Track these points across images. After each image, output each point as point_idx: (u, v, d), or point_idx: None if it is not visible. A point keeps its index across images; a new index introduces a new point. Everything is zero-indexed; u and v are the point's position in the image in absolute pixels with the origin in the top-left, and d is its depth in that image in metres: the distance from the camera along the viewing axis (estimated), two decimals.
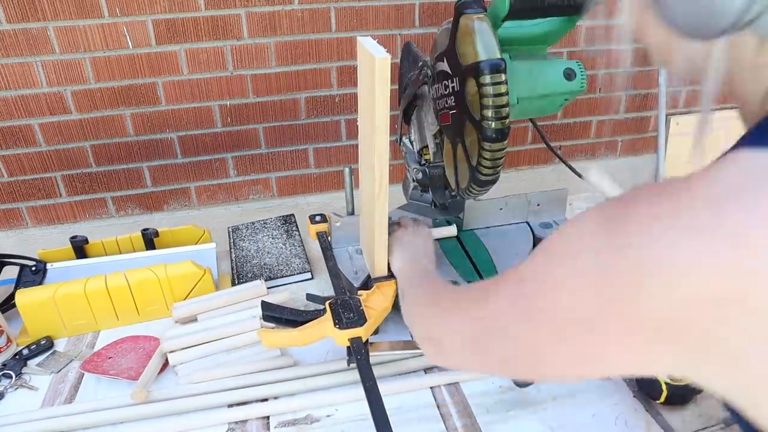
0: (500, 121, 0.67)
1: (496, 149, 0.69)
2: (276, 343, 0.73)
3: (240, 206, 1.96)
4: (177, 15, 1.63)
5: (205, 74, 1.73)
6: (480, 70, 0.65)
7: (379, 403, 0.61)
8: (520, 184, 2.13)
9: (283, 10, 1.69)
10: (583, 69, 0.76)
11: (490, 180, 0.74)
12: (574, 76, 0.75)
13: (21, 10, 1.52)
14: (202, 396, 0.72)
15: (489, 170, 0.72)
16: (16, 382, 0.77)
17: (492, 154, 0.69)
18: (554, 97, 0.76)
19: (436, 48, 0.78)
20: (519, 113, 0.76)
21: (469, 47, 0.67)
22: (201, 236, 1.01)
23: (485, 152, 0.69)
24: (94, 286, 0.83)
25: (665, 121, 2.05)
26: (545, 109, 0.79)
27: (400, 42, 1.82)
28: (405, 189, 1.03)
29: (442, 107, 0.78)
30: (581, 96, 2.09)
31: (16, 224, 1.82)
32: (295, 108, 1.85)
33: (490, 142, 0.68)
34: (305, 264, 0.99)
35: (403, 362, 0.77)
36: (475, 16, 0.67)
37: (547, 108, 0.78)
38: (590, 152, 2.20)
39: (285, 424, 0.69)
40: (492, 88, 0.65)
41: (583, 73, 0.76)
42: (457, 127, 0.75)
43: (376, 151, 0.67)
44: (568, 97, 0.77)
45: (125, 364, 0.78)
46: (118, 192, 1.84)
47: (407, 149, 0.98)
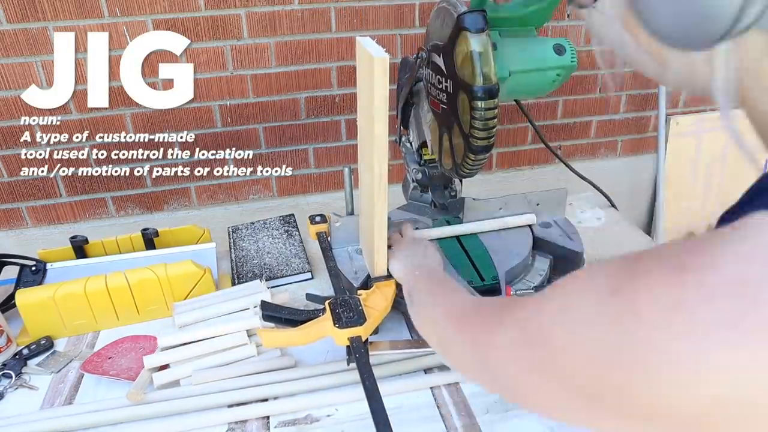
0: (487, 139, 0.70)
1: (480, 159, 0.73)
2: (276, 343, 0.73)
3: (240, 206, 1.96)
4: (177, 15, 1.63)
5: (205, 74, 1.73)
6: (474, 93, 0.67)
7: (379, 403, 0.61)
8: (520, 184, 2.13)
9: (283, 10, 1.69)
10: (572, 46, 0.77)
11: (470, 175, 0.78)
12: (564, 51, 0.76)
13: (21, 10, 1.52)
14: (201, 396, 0.72)
15: (470, 170, 0.76)
16: (16, 382, 0.77)
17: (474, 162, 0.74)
18: (546, 72, 0.77)
19: (430, 35, 0.79)
20: (511, 90, 0.76)
21: (467, 65, 0.68)
22: (201, 236, 1.01)
23: (468, 160, 0.74)
24: (94, 286, 0.83)
25: (665, 121, 2.05)
26: (538, 86, 0.79)
27: (400, 42, 1.82)
28: (405, 189, 1.03)
29: (435, 96, 0.79)
30: (581, 96, 2.09)
31: (16, 224, 1.82)
32: (295, 108, 1.85)
33: (475, 153, 0.72)
34: (305, 264, 0.99)
35: (403, 362, 0.77)
36: (477, 35, 0.67)
37: (540, 84, 0.78)
38: (590, 152, 2.20)
39: (285, 424, 0.69)
40: (484, 112, 0.68)
41: (573, 49, 0.76)
42: (445, 120, 0.78)
43: (376, 151, 0.67)
44: (560, 72, 0.77)
45: (125, 364, 0.78)
46: (118, 192, 1.85)
47: (407, 149, 0.98)
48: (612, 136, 2.18)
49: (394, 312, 0.75)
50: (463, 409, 0.71)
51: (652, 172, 2.18)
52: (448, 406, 0.72)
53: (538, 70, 0.76)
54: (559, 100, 2.05)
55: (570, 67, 0.76)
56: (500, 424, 0.69)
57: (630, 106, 2.13)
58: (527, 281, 0.87)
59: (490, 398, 0.72)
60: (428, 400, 0.72)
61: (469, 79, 0.68)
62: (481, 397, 0.72)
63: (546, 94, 0.80)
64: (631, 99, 2.12)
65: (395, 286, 0.77)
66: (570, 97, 2.05)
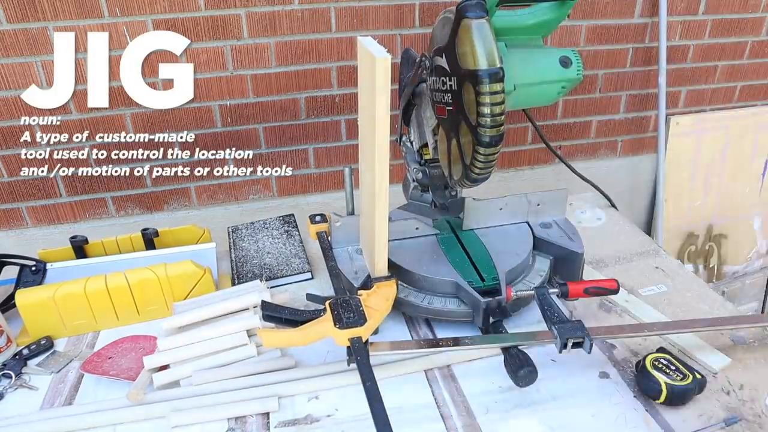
0: (496, 128, 0.68)
1: (490, 153, 0.70)
2: (276, 343, 0.73)
3: (240, 206, 1.96)
4: (177, 15, 1.62)
5: (205, 74, 1.73)
6: (479, 78, 0.66)
7: (379, 403, 0.61)
8: (520, 184, 2.13)
9: (283, 10, 1.69)
10: (579, 57, 0.77)
11: (482, 178, 0.75)
12: (570, 64, 0.76)
13: (21, 10, 1.52)
14: (202, 396, 0.72)
15: (481, 171, 0.73)
16: (16, 382, 0.77)
17: (485, 158, 0.71)
18: (551, 84, 0.77)
19: (434, 41, 0.78)
20: (516, 101, 0.76)
21: (469, 52, 0.67)
22: (201, 236, 1.01)
23: (479, 155, 0.71)
24: (94, 286, 0.83)
25: (665, 121, 2.05)
26: (543, 97, 0.79)
27: (400, 42, 1.82)
28: (405, 189, 1.03)
29: (439, 101, 0.78)
30: (581, 96, 2.09)
31: (16, 224, 1.82)
32: (295, 108, 1.85)
33: (485, 146, 0.69)
34: (305, 264, 0.99)
35: (404, 363, 0.77)
36: (477, 20, 0.67)
37: (544, 96, 0.78)
38: (590, 152, 2.20)
39: (285, 424, 0.69)
40: (490, 97, 0.66)
41: (579, 62, 0.76)
42: (452, 123, 0.76)
43: (377, 151, 0.67)
44: (565, 84, 0.77)
45: (125, 364, 0.78)
46: (118, 192, 1.84)
47: (407, 149, 0.98)
48: (612, 136, 2.18)
49: (394, 312, 0.75)
50: (463, 409, 0.71)
51: (652, 172, 2.18)
52: (448, 406, 0.71)
53: (544, 83, 0.76)
54: (559, 100, 2.05)
55: (575, 80, 0.76)
56: (500, 424, 0.69)
57: (630, 106, 2.13)
58: (527, 281, 0.87)
59: (490, 398, 0.72)
60: (428, 400, 0.72)
61: (472, 65, 0.67)
62: (481, 397, 0.72)
63: (550, 104, 0.80)
64: (631, 99, 2.12)
65: (395, 286, 0.77)
66: (570, 97, 2.05)
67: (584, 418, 0.69)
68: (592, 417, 0.69)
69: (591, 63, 2.00)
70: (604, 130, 2.16)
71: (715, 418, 0.68)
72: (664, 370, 0.70)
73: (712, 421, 0.68)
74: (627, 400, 0.72)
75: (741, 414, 0.69)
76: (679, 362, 0.71)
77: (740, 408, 0.70)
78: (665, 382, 0.68)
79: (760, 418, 0.68)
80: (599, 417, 0.69)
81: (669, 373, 0.69)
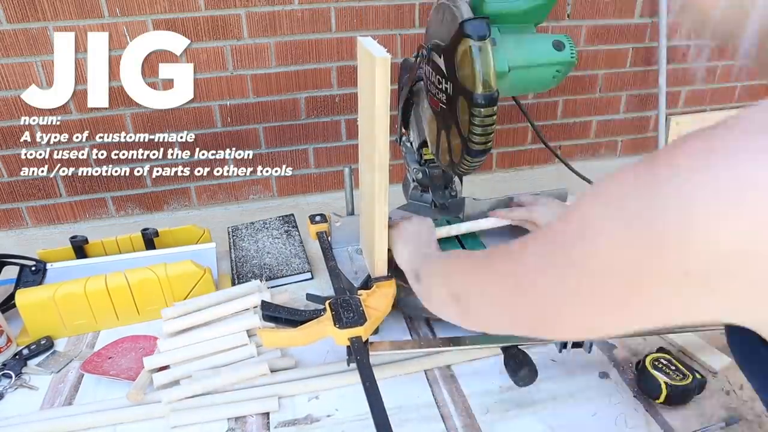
0: (483, 144, 0.71)
1: (476, 160, 0.74)
2: (276, 343, 0.73)
3: (240, 206, 1.96)
4: (177, 15, 1.63)
5: (205, 74, 1.73)
6: (475, 101, 0.67)
7: (379, 403, 0.61)
8: (520, 184, 2.13)
9: (283, 10, 1.69)
10: (572, 41, 0.77)
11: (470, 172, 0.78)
12: (564, 47, 0.76)
13: (21, 10, 1.52)
14: (202, 396, 0.72)
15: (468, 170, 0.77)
16: (15, 382, 0.77)
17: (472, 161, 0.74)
18: (545, 68, 0.77)
19: (430, 31, 0.79)
20: (512, 86, 0.77)
21: (469, 75, 0.68)
22: (201, 236, 1.01)
23: (465, 160, 0.74)
24: (94, 286, 0.83)
25: (665, 121, 2.06)
26: (539, 82, 0.79)
27: (400, 42, 1.82)
28: (405, 189, 1.03)
29: (435, 94, 0.80)
30: (581, 96, 2.09)
31: (16, 224, 1.82)
32: (295, 108, 1.85)
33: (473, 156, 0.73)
34: (305, 264, 0.99)
35: (404, 363, 0.77)
36: (479, 42, 0.67)
37: (540, 81, 0.79)
38: (590, 152, 2.20)
39: (285, 424, 0.69)
40: (483, 119, 0.68)
41: (573, 45, 0.77)
42: (444, 120, 0.78)
43: (377, 151, 0.67)
44: (559, 68, 0.77)
45: (125, 364, 0.78)
46: (118, 192, 1.85)
47: (407, 149, 0.98)
48: (612, 136, 2.19)
49: (394, 312, 0.75)
50: (463, 409, 0.71)
51: None
52: (448, 406, 0.72)
53: (538, 65, 0.76)
54: (559, 100, 2.05)
55: (570, 63, 0.77)
56: (500, 424, 0.69)
57: (630, 106, 2.13)
58: None
59: (490, 398, 0.72)
60: (428, 400, 0.72)
61: (470, 85, 0.68)
62: (481, 397, 0.72)
63: (547, 90, 0.80)
64: (631, 99, 2.12)
65: (395, 286, 0.77)
66: (570, 97, 2.06)
67: (584, 418, 0.69)
68: (592, 417, 0.69)
69: (591, 63, 2.01)
70: (604, 130, 2.16)
71: (715, 418, 0.68)
72: (664, 370, 0.70)
73: (712, 421, 0.68)
74: (627, 400, 0.72)
75: (741, 414, 0.69)
76: (679, 362, 0.71)
77: (740, 408, 0.70)
78: (665, 382, 0.68)
79: (760, 418, 0.68)
80: (599, 417, 0.69)
81: (669, 373, 0.69)
